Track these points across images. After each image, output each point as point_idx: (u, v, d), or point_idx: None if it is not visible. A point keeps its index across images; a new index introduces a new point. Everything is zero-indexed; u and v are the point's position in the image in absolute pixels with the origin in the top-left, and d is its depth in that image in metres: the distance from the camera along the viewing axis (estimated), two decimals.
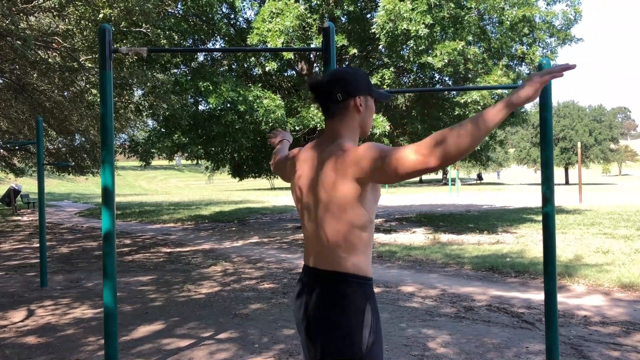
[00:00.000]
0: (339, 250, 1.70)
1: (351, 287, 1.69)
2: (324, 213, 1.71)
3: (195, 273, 7.94)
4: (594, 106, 65.78)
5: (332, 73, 1.82)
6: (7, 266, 8.82)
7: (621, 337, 4.55)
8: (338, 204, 1.68)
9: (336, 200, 1.68)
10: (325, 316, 1.69)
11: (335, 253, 1.71)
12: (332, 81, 1.77)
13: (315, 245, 1.77)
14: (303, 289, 1.80)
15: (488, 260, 8.30)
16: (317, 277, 1.75)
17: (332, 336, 1.66)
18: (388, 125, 11.21)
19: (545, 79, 1.50)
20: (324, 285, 1.72)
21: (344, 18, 12.80)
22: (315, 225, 1.76)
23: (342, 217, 1.68)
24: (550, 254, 3.37)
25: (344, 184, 1.65)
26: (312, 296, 1.74)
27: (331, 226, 1.70)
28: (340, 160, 1.67)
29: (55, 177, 46.46)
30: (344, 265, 1.70)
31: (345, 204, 1.67)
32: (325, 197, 1.70)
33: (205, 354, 4.24)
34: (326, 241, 1.72)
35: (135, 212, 21.42)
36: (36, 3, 9.08)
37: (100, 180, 3.39)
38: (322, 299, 1.70)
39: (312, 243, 1.78)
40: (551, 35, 12.96)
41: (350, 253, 1.70)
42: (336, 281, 1.70)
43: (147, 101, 12.48)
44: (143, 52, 3.46)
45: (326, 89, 1.77)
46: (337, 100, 1.76)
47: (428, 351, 4.22)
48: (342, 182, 1.66)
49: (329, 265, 1.72)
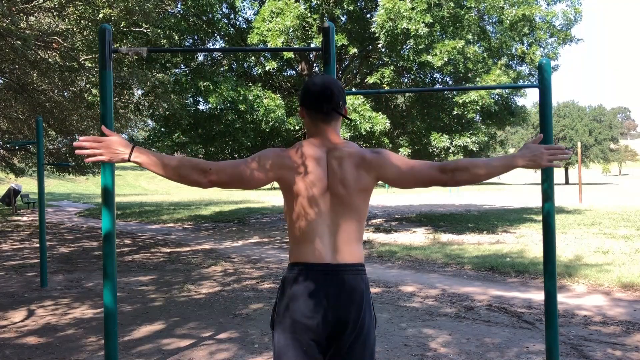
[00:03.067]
0: (357, 242, 1.85)
1: (365, 275, 1.87)
2: (345, 209, 1.82)
3: (196, 273, 7.94)
4: (594, 106, 65.83)
5: (335, 83, 1.90)
6: (7, 266, 8.81)
7: (622, 337, 4.55)
8: (358, 199, 1.83)
9: (356, 196, 1.83)
10: (366, 308, 1.81)
11: (355, 245, 1.84)
12: (340, 91, 1.89)
13: (331, 240, 1.82)
14: (319, 286, 1.79)
15: (488, 260, 8.30)
16: (341, 272, 1.80)
17: (372, 328, 1.84)
18: (388, 123, 11.21)
19: (549, 165, 1.91)
20: (353, 279, 1.81)
21: (344, 18, 12.80)
22: (330, 220, 1.83)
23: (361, 211, 1.85)
24: (551, 252, 3.36)
25: (367, 181, 1.84)
26: (341, 292, 1.78)
27: (351, 221, 1.83)
28: (368, 160, 1.84)
29: (55, 177, 46.46)
30: (361, 256, 1.86)
31: (363, 200, 1.85)
32: (345, 194, 1.81)
33: (205, 354, 4.24)
34: (346, 235, 1.82)
35: (135, 212, 21.42)
36: (36, 3, 9.07)
37: (100, 180, 3.38)
38: (358, 293, 1.80)
39: (325, 238, 1.82)
40: (551, 35, 12.96)
41: (360, 243, 1.87)
42: (361, 272, 1.84)
43: (147, 101, 12.47)
44: (143, 52, 3.46)
45: (337, 99, 1.87)
46: (341, 108, 1.88)
47: (428, 351, 4.22)
48: (366, 180, 1.84)
49: (352, 258, 1.82)
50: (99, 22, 9.12)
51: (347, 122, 10.85)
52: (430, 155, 13.30)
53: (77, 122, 14.66)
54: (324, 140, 1.88)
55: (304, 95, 1.90)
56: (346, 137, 11.08)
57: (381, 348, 4.30)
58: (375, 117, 10.97)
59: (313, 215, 1.82)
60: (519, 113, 13.74)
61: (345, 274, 1.80)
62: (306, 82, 1.95)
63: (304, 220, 1.83)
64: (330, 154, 1.86)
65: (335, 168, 1.83)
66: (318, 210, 1.82)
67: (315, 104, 1.86)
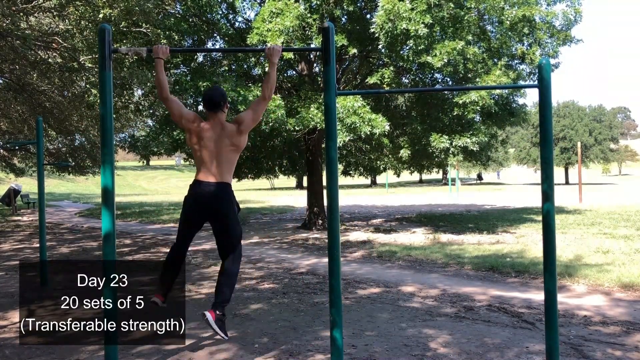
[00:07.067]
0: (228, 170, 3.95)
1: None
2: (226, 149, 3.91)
3: (196, 273, 7.94)
4: (594, 106, 65.70)
5: (219, 90, 4.12)
6: (7, 266, 8.81)
7: (622, 337, 4.55)
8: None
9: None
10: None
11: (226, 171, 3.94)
12: (224, 95, 4.03)
13: (215, 168, 3.88)
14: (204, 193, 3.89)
15: (488, 260, 8.30)
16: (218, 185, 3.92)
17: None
18: (387, 125, 11.20)
19: None
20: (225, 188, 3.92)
21: (344, 18, 12.79)
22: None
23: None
24: (550, 251, 3.36)
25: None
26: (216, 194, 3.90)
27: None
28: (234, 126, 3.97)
29: (55, 177, 46.41)
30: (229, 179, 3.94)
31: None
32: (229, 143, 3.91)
33: (205, 354, 4.25)
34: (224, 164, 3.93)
35: (135, 212, 21.42)
36: (36, 3, 9.07)
37: (100, 180, 3.39)
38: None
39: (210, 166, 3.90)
40: (551, 35, 12.95)
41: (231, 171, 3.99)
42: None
43: (147, 101, 12.48)
44: (143, 52, 3.46)
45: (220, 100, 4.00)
46: (223, 105, 4.00)
47: (428, 351, 4.22)
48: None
49: (226, 179, 3.92)
50: (99, 22, 9.13)
51: (346, 124, 10.86)
52: (430, 155, 13.29)
53: (77, 122, 14.67)
54: (217, 121, 3.99)
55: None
56: (345, 139, 11.09)
57: (381, 348, 4.30)
58: (375, 119, 10.96)
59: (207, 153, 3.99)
60: (519, 113, 13.72)
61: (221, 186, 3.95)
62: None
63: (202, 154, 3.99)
64: (223, 125, 3.99)
65: (222, 131, 3.94)
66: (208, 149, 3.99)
67: (213, 106, 3.97)
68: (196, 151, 3.89)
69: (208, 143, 3.84)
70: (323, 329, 4.82)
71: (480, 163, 17.54)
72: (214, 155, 3.86)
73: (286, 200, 29.65)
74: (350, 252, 9.91)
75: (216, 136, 3.86)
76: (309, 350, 4.30)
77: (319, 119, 11.09)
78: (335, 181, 3.31)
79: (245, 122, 3.92)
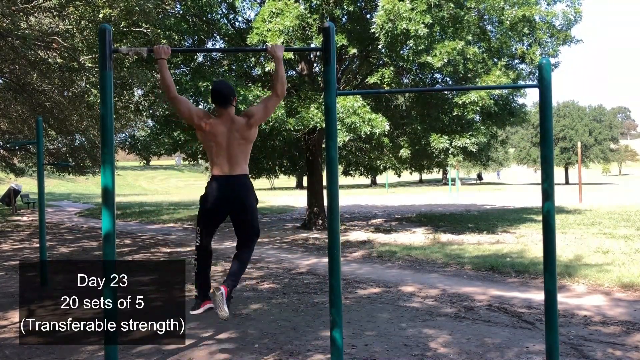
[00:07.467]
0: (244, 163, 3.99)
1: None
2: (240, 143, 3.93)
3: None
4: (594, 106, 65.69)
5: (227, 84, 4.02)
6: (7, 266, 8.81)
7: (622, 337, 4.55)
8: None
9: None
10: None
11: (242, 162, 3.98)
12: (232, 89, 3.94)
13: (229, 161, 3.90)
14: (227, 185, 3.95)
15: (488, 260, 8.30)
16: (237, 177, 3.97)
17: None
18: (387, 125, 11.20)
19: None
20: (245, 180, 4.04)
21: (344, 18, 12.79)
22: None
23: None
24: (551, 251, 3.36)
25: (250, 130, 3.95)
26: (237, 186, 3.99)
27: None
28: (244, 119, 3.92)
29: (55, 177, 46.42)
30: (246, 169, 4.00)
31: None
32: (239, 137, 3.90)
33: (205, 354, 4.25)
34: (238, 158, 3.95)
35: (135, 212, 21.42)
36: (36, 3, 9.07)
37: (100, 180, 3.39)
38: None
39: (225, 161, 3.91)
40: (551, 35, 12.95)
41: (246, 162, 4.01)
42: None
43: (147, 101, 12.48)
44: (143, 52, 3.46)
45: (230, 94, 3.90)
46: (232, 99, 3.90)
47: (428, 351, 4.22)
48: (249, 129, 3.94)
49: (242, 170, 3.98)
50: (99, 22, 9.13)
51: (346, 124, 10.86)
52: (430, 155, 13.29)
53: (77, 122, 14.67)
54: (229, 114, 3.92)
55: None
56: (345, 139, 11.10)
57: (381, 348, 4.30)
58: (375, 119, 10.96)
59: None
60: (519, 113, 13.72)
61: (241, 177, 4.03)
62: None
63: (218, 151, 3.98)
64: (234, 119, 3.93)
65: (234, 125, 3.89)
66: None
67: (222, 101, 3.87)
68: (210, 147, 3.88)
69: (220, 139, 3.84)
70: (323, 329, 4.82)
71: (480, 163, 17.55)
72: (228, 150, 3.88)
73: (286, 200, 29.65)
74: (350, 252, 9.92)
75: (227, 131, 3.86)
76: (309, 350, 4.30)
77: (319, 119, 11.09)
78: (336, 181, 3.32)
79: (255, 115, 3.93)
